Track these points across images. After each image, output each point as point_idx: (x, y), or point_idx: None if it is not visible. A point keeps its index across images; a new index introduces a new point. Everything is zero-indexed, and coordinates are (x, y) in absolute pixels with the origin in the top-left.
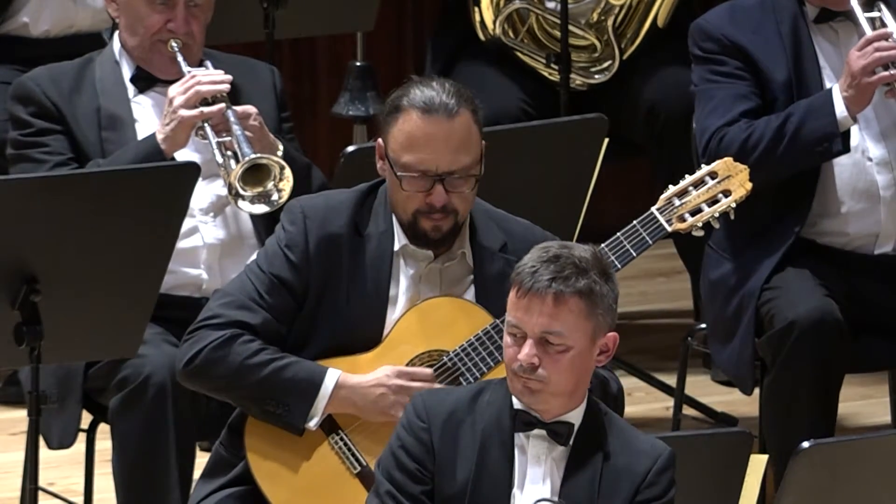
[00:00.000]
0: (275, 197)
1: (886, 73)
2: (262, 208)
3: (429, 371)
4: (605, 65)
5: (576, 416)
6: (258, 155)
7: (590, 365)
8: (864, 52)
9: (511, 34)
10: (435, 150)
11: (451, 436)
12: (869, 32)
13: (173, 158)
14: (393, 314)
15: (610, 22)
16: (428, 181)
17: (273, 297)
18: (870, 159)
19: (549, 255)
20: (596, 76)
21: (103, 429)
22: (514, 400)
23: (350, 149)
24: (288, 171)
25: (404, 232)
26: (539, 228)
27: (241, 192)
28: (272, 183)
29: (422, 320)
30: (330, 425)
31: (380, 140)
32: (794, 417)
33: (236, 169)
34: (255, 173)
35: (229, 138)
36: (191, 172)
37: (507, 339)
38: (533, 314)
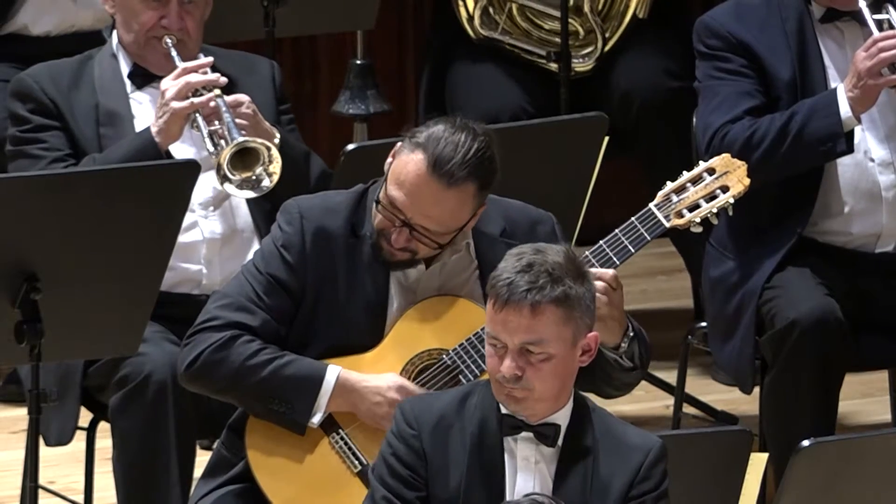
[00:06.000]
0: (266, 182)
1: (893, 76)
2: (248, 193)
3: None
4: (588, 51)
5: (562, 417)
6: (246, 138)
7: (573, 368)
8: (870, 53)
9: (495, 20)
10: (416, 204)
11: (441, 441)
12: (876, 34)
13: (168, 151)
14: (392, 313)
15: (587, 7)
16: (397, 221)
17: (271, 297)
18: (872, 160)
19: (523, 263)
20: (574, 61)
21: (103, 427)
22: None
23: (350, 147)
24: (275, 152)
25: None
26: (533, 207)
27: (229, 175)
28: (261, 167)
29: (421, 319)
30: (330, 424)
31: (399, 144)
32: (795, 416)
33: (226, 150)
34: (244, 158)
35: (220, 127)
36: (191, 170)
37: (488, 349)
38: (511, 326)
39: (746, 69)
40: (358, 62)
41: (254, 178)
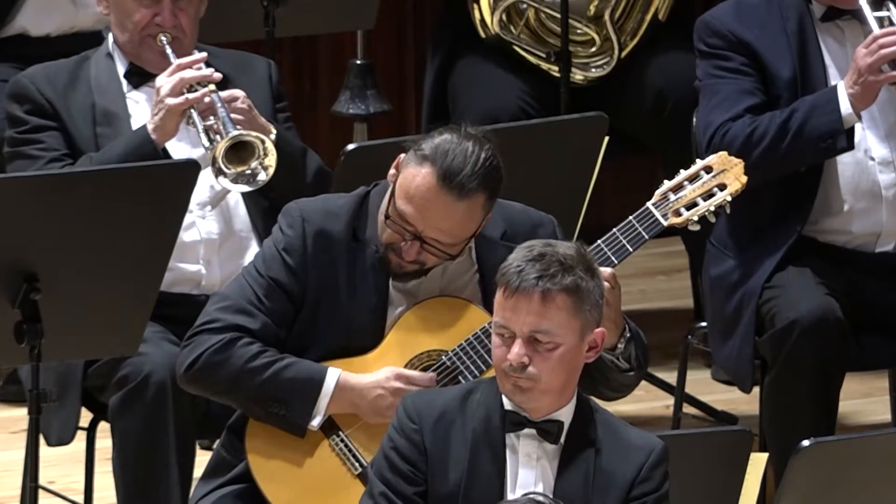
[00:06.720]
0: (262, 176)
1: (893, 72)
2: (244, 187)
3: (429, 375)
4: (604, 59)
5: (565, 414)
6: (240, 131)
7: (579, 362)
8: (870, 50)
9: (510, 30)
10: (427, 218)
11: (442, 437)
12: (877, 31)
13: (165, 149)
14: (392, 316)
15: (607, 15)
16: (407, 234)
17: (271, 300)
18: (872, 159)
19: (534, 253)
20: (593, 70)
21: (103, 427)
22: (504, 400)
23: (350, 147)
24: (270, 145)
25: None
26: (534, 210)
27: (224, 168)
28: (256, 161)
29: (420, 320)
30: (330, 426)
31: (402, 156)
32: (795, 416)
33: (220, 143)
34: (240, 152)
35: (215, 122)
36: (191, 171)
37: (495, 339)
38: (521, 313)
39: (747, 67)
40: (358, 62)
41: (249, 171)
